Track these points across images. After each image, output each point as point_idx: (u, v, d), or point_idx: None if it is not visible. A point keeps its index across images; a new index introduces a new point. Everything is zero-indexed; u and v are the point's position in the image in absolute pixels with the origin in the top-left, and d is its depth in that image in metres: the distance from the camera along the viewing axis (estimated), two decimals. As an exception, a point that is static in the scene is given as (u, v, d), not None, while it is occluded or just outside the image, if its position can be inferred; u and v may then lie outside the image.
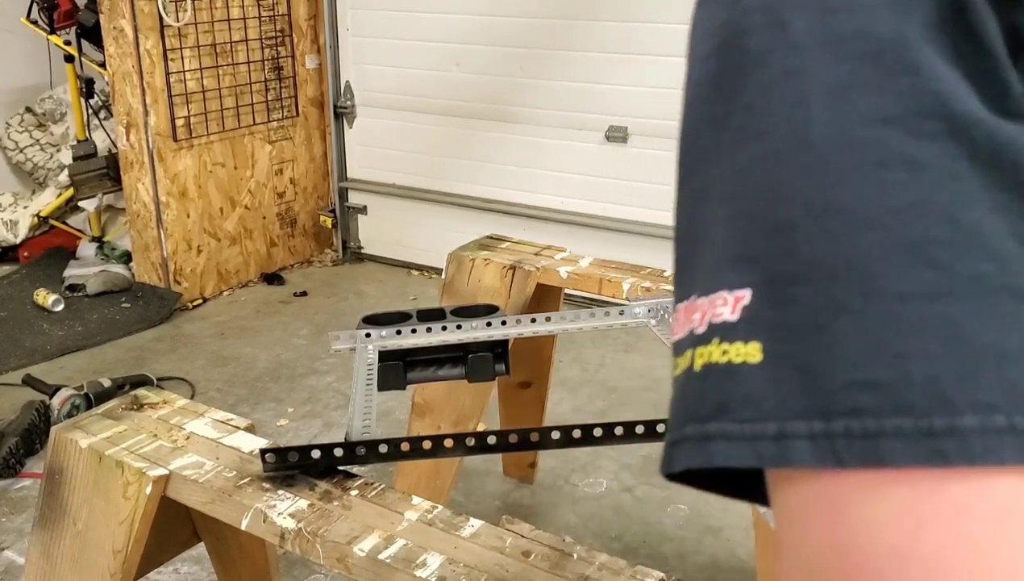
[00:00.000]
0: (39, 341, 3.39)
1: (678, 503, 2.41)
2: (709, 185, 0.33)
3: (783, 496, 0.30)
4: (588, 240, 3.55)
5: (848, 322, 0.28)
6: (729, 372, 0.30)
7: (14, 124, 4.39)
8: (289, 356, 3.32)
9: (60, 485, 1.25)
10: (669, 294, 1.72)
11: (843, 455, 0.27)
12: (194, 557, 2.05)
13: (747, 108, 0.31)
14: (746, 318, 0.30)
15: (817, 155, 0.29)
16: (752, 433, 0.28)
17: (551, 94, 3.66)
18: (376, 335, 1.54)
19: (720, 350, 0.30)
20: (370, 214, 4.34)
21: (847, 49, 0.29)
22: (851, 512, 0.27)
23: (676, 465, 0.32)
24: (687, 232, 0.34)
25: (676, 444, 0.32)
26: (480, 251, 2.02)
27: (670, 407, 0.33)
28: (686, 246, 0.34)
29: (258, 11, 3.90)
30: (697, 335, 0.31)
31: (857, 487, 0.27)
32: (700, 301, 0.32)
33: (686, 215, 0.35)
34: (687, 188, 0.35)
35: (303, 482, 1.14)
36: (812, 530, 0.28)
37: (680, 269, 0.35)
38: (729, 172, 0.32)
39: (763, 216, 0.30)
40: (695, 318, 0.32)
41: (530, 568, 0.98)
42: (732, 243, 0.31)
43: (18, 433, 2.58)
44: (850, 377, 0.27)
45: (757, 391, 0.29)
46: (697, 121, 0.35)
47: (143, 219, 3.69)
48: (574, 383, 3.08)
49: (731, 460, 0.29)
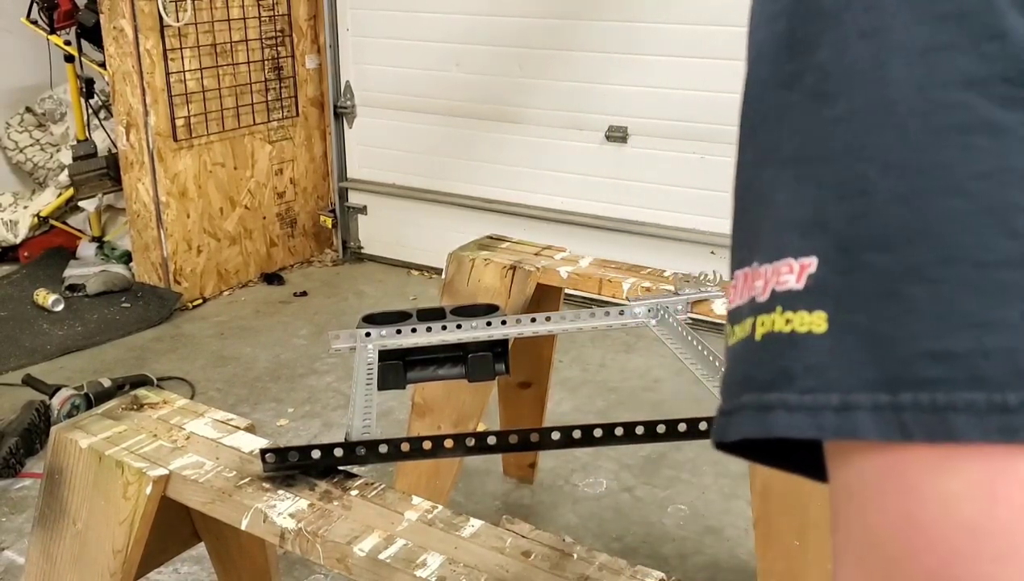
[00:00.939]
0: (39, 341, 3.39)
1: (678, 503, 2.41)
2: (774, 146, 0.32)
3: (844, 468, 0.29)
4: (588, 240, 3.54)
5: (923, 290, 0.27)
6: (792, 341, 0.29)
7: (14, 124, 4.39)
8: (289, 356, 3.32)
9: (60, 485, 1.25)
10: (669, 294, 1.72)
11: (911, 428, 0.26)
12: (194, 557, 2.05)
13: (820, 68, 0.30)
14: (812, 286, 0.29)
15: (896, 117, 0.28)
16: (813, 404, 0.28)
17: (551, 94, 3.66)
18: (376, 335, 1.54)
19: (783, 319, 0.29)
20: (370, 214, 4.34)
21: (930, 10, 0.29)
22: (921, 486, 0.27)
23: (731, 434, 0.31)
24: (748, 194, 0.33)
25: (731, 413, 0.31)
26: (480, 251, 2.02)
27: (724, 376, 0.33)
28: (746, 209, 0.33)
29: (258, 11, 3.90)
30: (759, 303, 0.31)
31: (926, 461, 0.27)
32: (763, 268, 0.31)
33: (747, 177, 0.34)
34: (749, 149, 0.34)
35: (303, 482, 1.14)
36: (878, 503, 0.28)
37: (739, 233, 0.34)
38: (798, 134, 0.31)
39: (835, 180, 0.29)
40: (757, 286, 0.31)
41: (530, 568, 0.98)
42: (799, 208, 0.30)
43: (18, 433, 2.58)
44: (922, 347, 0.27)
45: (820, 361, 0.28)
46: (763, 80, 0.33)
47: (143, 219, 3.69)
48: (574, 383, 3.08)
49: (791, 431, 0.28)
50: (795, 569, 1.64)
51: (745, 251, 0.32)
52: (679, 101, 3.36)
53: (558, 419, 2.72)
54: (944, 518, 0.26)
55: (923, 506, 0.27)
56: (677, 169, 3.42)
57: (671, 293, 1.72)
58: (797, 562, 1.63)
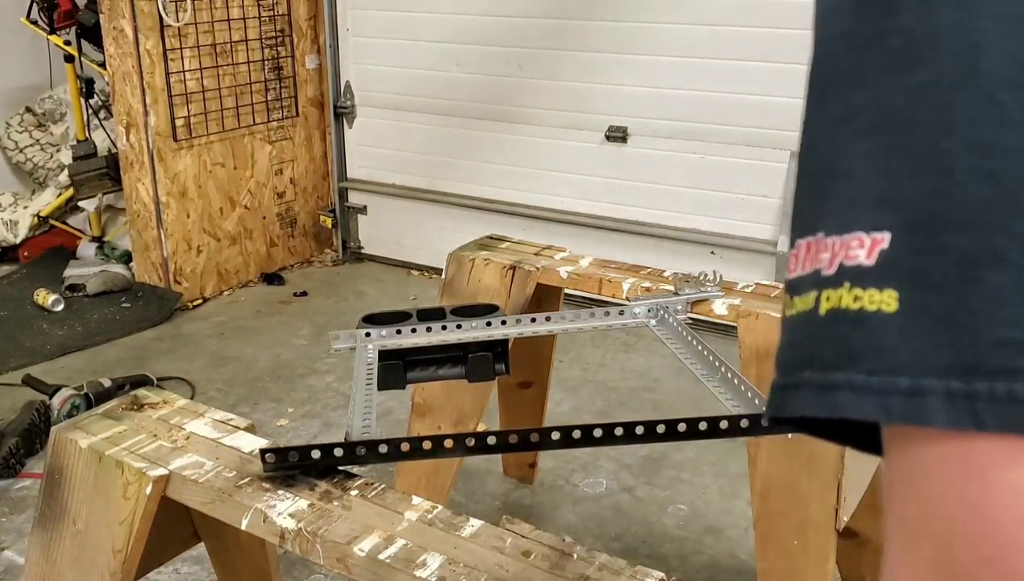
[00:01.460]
0: (39, 341, 3.39)
1: (678, 503, 2.41)
2: (848, 111, 0.30)
3: (905, 451, 0.28)
4: (588, 240, 3.55)
5: (1006, 276, 0.26)
6: (859, 320, 0.28)
7: (14, 124, 4.39)
8: (289, 356, 3.32)
9: (60, 485, 1.25)
10: (669, 294, 1.72)
11: (984, 419, 0.26)
12: (194, 557, 2.05)
13: (902, 31, 0.29)
14: (883, 264, 0.28)
15: (987, 90, 0.27)
16: (881, 386, 0.27)
17: (551, 94, 3.66)
18: (376, 335, 1.54)
19: (851, 295, 0.28)
20: (370, 214, 4.34)
21: None
22: (989, 476, 0.26)
23: (789, 410, 0.30)
24: (815, 160, 0.32)
25: (790, 388, 0.30)
26: (480, 251, 2.02)
27: (781, 348, 0.31)
28: (813, 176, 0.32)
29: (258, 11, 3.90)
30: (825, 277, 0.29)
31: (997, 452, 0.26)
32: (830, 239, 0.30)
33: (816, 143, 0.32)
34: (818, 113, 0.32)
35: (303, 482, 1.14)
36: (939, 488, 0.27)
37: (802, 199, 0.32)
38: (876, 100, 0.29)
39: (915, 153, 0.28)
40: (823, 258, 0.30)
41: (530, 568, 0.98)
42: (874, 180, 0.29)
43: (18, 433, 2.58)
44: (1001, 335, 0.26)
45: (890, 342, 0.27)
46: (835, 42, 0.31)
47: (143, 219, 3.69)
48: (574, 383, 3.08)
49: (856, 412, 0.28)
50: (795, 569, 1.64)
51: (810, 219, 0.31)
52: (679, 101, 3.36)
53: (558, 419, 2.72)
54: (1010, 509, 0.26)
55: (988, 495, 0.26)
56: (677, 169, 3.42)
57: (671, 293, 1.72)
58: (797, 562, 1.63)
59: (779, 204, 3.26)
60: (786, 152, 3.20)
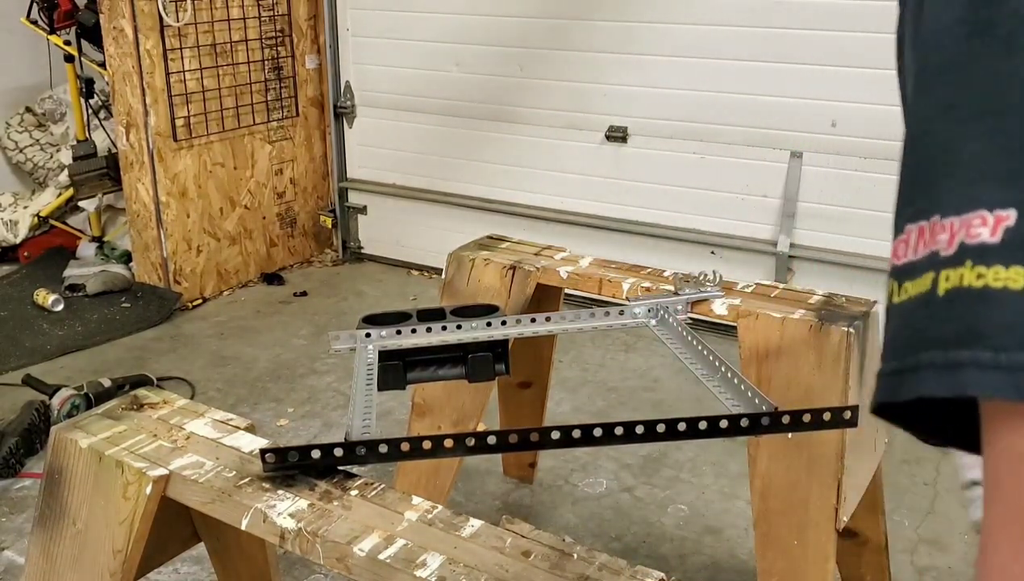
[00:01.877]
0: (39, 341, 3.39)
1: (678, 503, 2.41)
2: (961, 96, 0.30)
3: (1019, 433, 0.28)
4: (588, 240, 3.55)
5: None
6: (984, 297, 0.28)
7: (14, 124, 4.39)
8: (289, 356, 3.32)
9: (60, 485, 1.25)
10: (669, 294, 1.72)
11: None
12: (194, 557, 2.05)
13: (1017, 16, 0.29)
14: (1009, 241, 0.28)
15: None
16: (1010, 364, 0.27)
17: (551, 94, 3.66)
18: (376, 335, 1.54)
19: (974, 273, 0.28)
20: (370, 214, 4.34)
21: None
22: None
23: (905, 393, 0.29)
24: (925, 146, 0.32)
25: (907, 372, 0.29)
26: (480, 251, 2.02)
27: (890, 335, 0.31)
28: (922, 161, 0.32)
29: (258, 11, 3.90)
30: (943, 257, 0.29)
31: None
32: (948, 221, 0.29)
33: (924, 128, 0.32)
34: (927, 98, 0.32)
35: (303, 482, 1.14)
36: None
37: (911, 186, 0.32)
38: (992, 84, 0.29)
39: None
40: (940, 239, 0.29)
41: (530, 568, 0.98)
42: (996, 160, 0.29)
43: (18, 433, 2.58)
44: None
45: (1017, 319, 0.27)
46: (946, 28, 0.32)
47: (143, 219, 3.69)
48: (574, 383, 3.08)
49: (985, 390, 0.27)
50: (795, 569, 1.64)
51: (922, 204, 0.31)
52: (679, 101, 3.36)
53: (558, 419, 2.72)
54: None
55: None
56: (677, 169, 3.42)
57: (671, 293, 1.72)
58: (797, 562, 1.63)
59: (779, 204, 3.26)
60: (786, 152, 3.20)
